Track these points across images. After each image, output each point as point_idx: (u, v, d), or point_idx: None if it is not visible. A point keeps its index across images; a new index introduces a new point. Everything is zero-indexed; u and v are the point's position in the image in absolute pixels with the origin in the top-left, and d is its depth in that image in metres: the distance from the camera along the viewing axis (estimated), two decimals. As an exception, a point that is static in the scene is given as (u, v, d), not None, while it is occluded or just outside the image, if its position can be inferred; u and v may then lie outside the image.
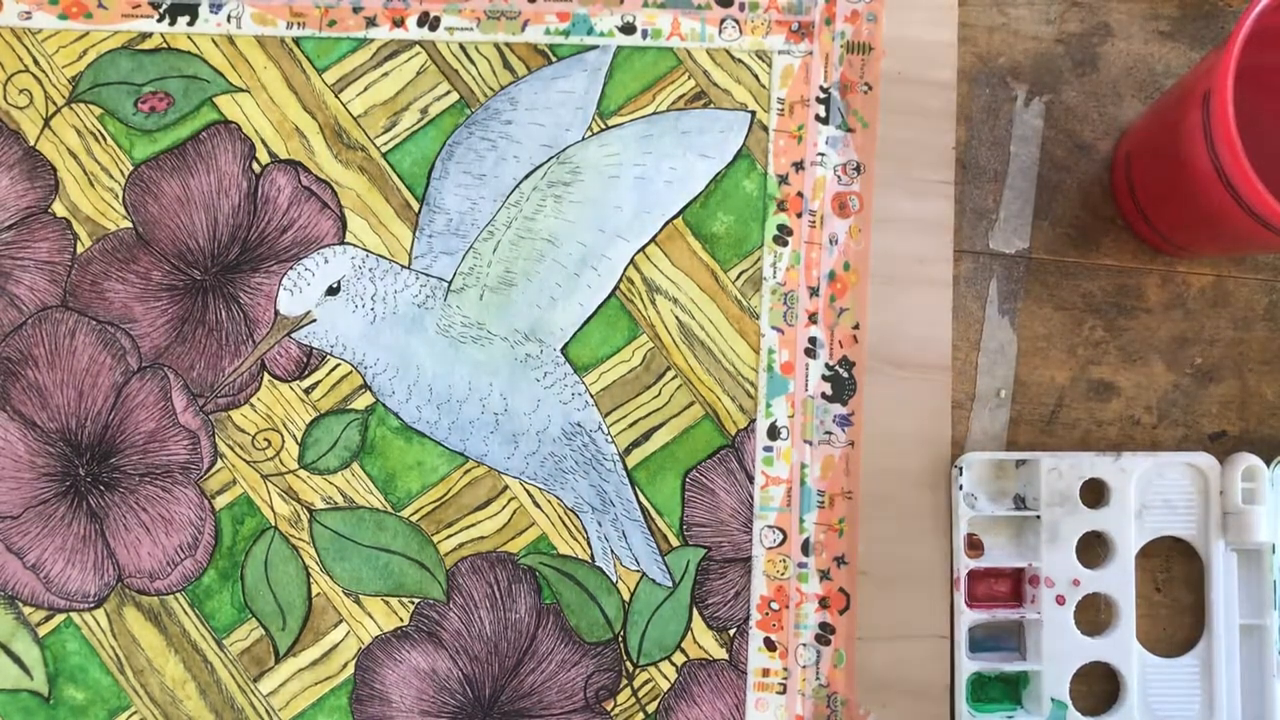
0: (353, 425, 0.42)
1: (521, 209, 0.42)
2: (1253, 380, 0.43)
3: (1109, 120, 0.44)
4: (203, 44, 0.43)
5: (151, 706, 0.41)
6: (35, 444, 0.42)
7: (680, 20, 0.43)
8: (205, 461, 0.42)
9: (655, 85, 0.43)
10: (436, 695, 0.41)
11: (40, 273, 0.42)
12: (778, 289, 0.42)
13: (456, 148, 0.43)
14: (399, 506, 0.42)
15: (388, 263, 0.42)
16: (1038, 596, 0.41)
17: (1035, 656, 0.41)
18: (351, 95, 0.43)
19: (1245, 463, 0.41)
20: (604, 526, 0.42)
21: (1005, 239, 0.44)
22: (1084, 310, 0.43)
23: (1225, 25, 0.44)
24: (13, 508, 0.41)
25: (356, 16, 0.43)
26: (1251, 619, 0.41)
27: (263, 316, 0.42)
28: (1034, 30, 0.44)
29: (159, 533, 0.41)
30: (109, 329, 0.42)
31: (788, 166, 0.43)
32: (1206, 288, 0.44)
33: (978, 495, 0.42)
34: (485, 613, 0.42)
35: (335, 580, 0.41)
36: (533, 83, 0.43)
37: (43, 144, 0.42)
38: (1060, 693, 0.41)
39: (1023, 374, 0.43)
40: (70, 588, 0.41)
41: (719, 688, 0.41)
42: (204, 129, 0.43)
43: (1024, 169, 0.44)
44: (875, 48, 0.43)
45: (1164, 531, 0.42)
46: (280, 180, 0.42)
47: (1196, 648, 0.42)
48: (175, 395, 0.42)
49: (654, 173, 0.43)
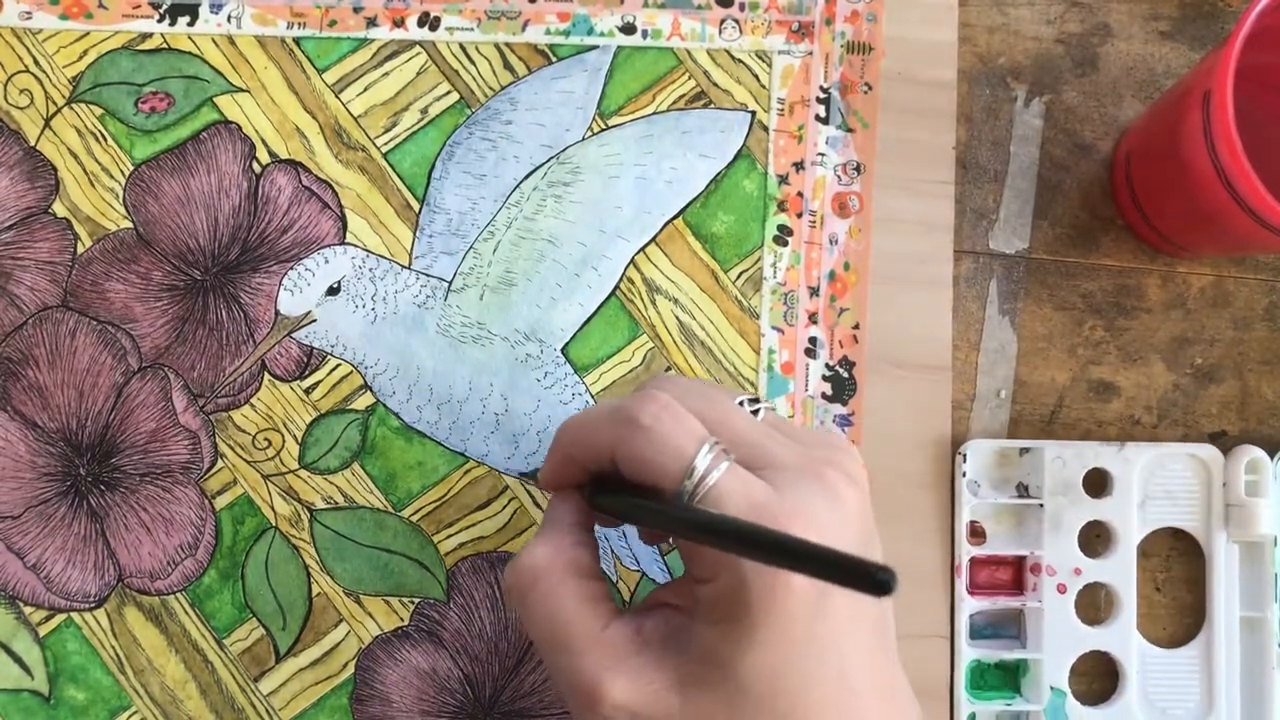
0: (353, 425, 0.42)
1: (522, 209, 0.42)
2: (1253, 380, 0.43)
3: (1109, 120, 0.44)
4: (203, 44, 0.43)
5: (152, 706, 0.41)
6: (36, 444, 0.42)
7: (680, 20, 0.43)
8: (206, 461, 0.42)
9: (655, 85, 0.43)
10: (437, 695, 0.41)
11: (41, 273, 0.42)
12: (778, 289, 0.42)
13: (457, 148, 0.43)
14: (399, 506, 0.42)
15: (388, 263, 0.42)
16: (1039, 585, 0.41)
17: (1035, 645, 0.41)
18: (352, 95, 0.43)
19: (1248, 455, 0.41)
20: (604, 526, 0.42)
21: (1005, 239, 0.44)
22: (1084, 310, 0.43)
23: (1225, 25, 0.44)
24: (13, 508, 0.41)
25: (357, 17, 0.43)
26: (1252, 611, 0.42)
27: (263, 316, 0.42)
28: (1034, 30, 0.44)
29: (159, 533, 0.41)
30: (109, 329, 0.42)
31: (788, 166, 0.43)
32: (1207, 288, 0.44)
33: (980, 483, 0.42)
34: (486, 613, 0.42)
35: (336, 580, 0.41)
36: (533, 83, 0.43)
37: (43, 144, 0.42)
38: (1060, 681, 0.41)
39: (1023, 374, 0.43)
40: (71, 588, 0.41)
41: None
42: (204, 129, 0.43)
43: (1024, 169, 0.44)
44: (875, 48, 0.43)
45: (1166, 522, 0.42)
46: (280, 180, 0.42)
47: (1197, 639, 0.42)
48: (175, 395, 0.42)
49: (654, 173, 0.43)
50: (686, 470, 0.29)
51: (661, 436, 0.30)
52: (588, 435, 0.32)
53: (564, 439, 0.33)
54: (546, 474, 0.34)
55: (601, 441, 0.31)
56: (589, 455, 0.32)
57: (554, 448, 0.34)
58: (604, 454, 0.31)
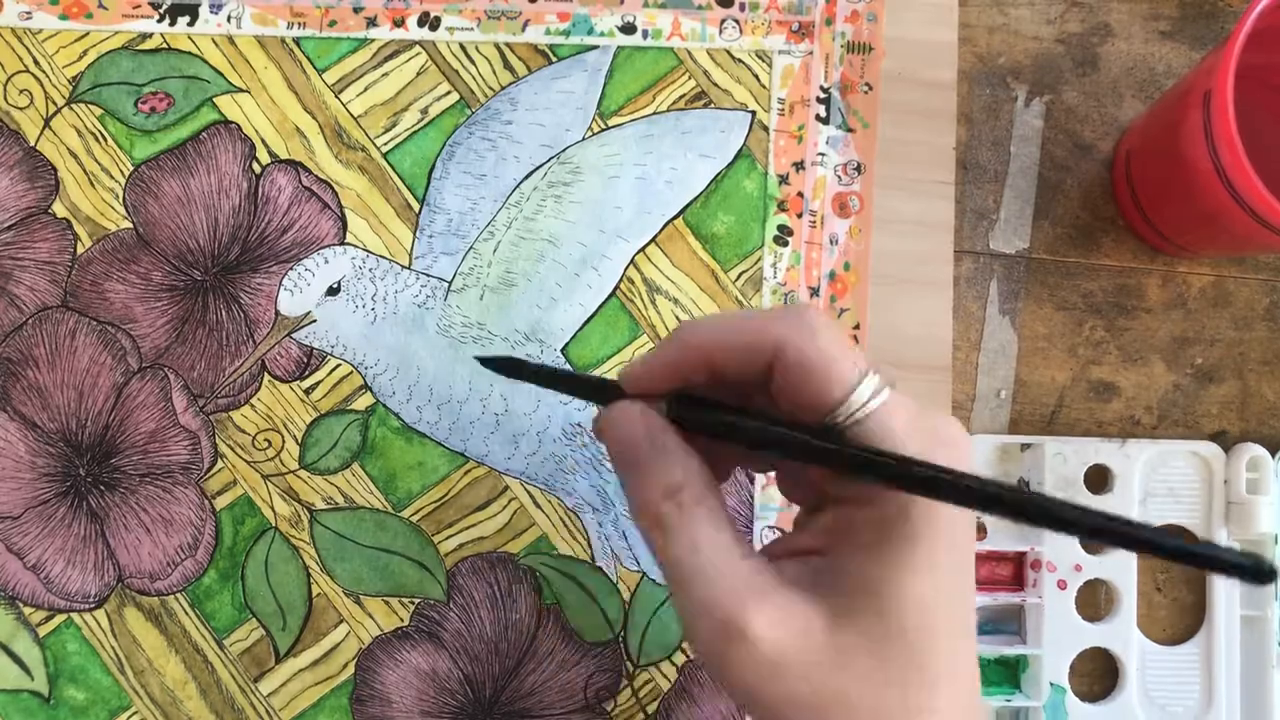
0: (353, 426, 0.42)
1: (522, 209, 0.42)
2: (1253, 380, 0.43)
3: (1109, 120, 0.44)
4: (203, 44, 0.43)
5: (152, 707, 0.41)
6: (36, 444, 0.42)
7: (680, 20, 0.43)
8: (206, 462, 0.42)
9: (655, 85, 0.43)
10: (437, 695, 0.41)
11: (40, 273, 0.42)
12: (778, 289, 0.42)
13: (457, 148, 0.43)
14: (399, 507, 0.42)
15: (388, 263, 0.42)
16: (1039, 581, 0.41)
17: (1035, 641, 0.41)
18: (352, 95, 0.43)
19: (1250, 453, 0.41)
20: (604, 526, 0.42)
21: (1005, 239, 0.44)
22: (1084, 310, 0.43)
23: (1226, 25, 0.44)
24: (13, 508, 0.41)
25: (357, 16, 0.43)
26: (1252, 610, 0.42)
27: (263, 317, 0.42)
28: (1034, 30, 0.44)
29: (159, 533, 0.41)
30: (109, 329, 0.42)
31: (788, 166, 0.43)
32: (1207, 288, 0.44)
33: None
34: (485, 613, 0.41)
35: (336, 580, 0.41)
36: (533, 83, 0.43)
37: (43, 144, 0.42)
38: (1059, 678, 0.41)
39: (1023, 374, 0.43)
40: (71, 588, 0.41)
41: (719, 688, 0.41)
42: (204, 129, 0.43)
43: (1024, 169, 0.44)
44: (875, 48, 0.43)
45: (1167, 519, 0.42)
46: (280, 180, 0.42)
47: (1196, 637, 0.42)
48: (175, 395, 0.42)
49: (654, 173, 0.43)
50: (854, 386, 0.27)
51: (836, 342, 0.27)
52: (739, 329, 0.28)
53: (694, 333, 0.29)
54: (642, 371, 0.30)
55: (765, 338, 0.27)
56: (726, 354, 0.28)
57: (668, 343, 0.29)
58: (754, 355, 0.28)
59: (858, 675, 0.26)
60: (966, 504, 0.26)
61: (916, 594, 0.26)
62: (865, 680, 0.26)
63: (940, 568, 0.27)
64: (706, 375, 0.29)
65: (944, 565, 0.27)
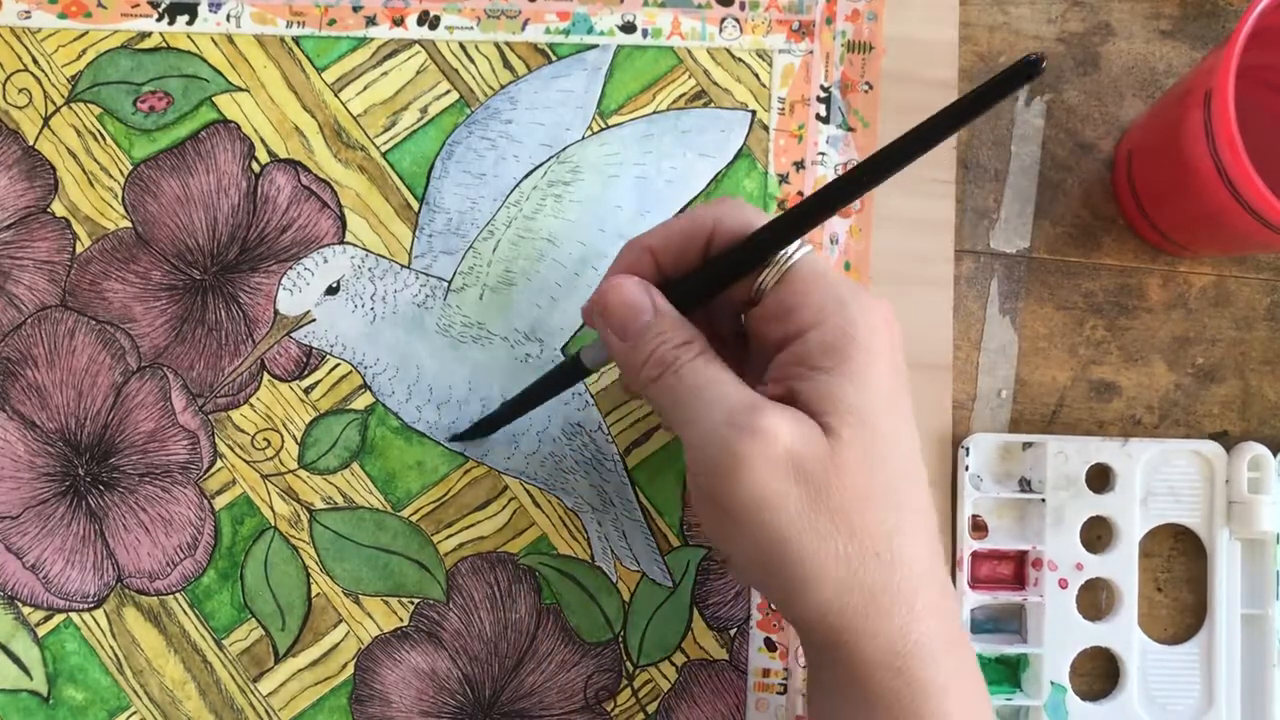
0: (352, 425, 0.42)
1: (521, 208, 0.42)
2: (1254, 380, 0.43)
3: (1110, 120, 0.44)
4: (202, 43, 0.43)
5: (151, 707, 0.41)
6: (35, 444, 0.41)
7: (680, 19, 0.43)
8: (205, 461, 0.42)
9: (655, 84, 0.43)
10: (436, 695, 0.41)
11: (39, 272, 0.42)
12: (778, 288, 0.42)
13: (456, 147, 0.43)
14: (399, 506, 0.42)
15: (387, 262, 0.42)
16: (1040, 580, 0.41)
17: (1036, 640, 0.41)
18: (351, 94, 0.43)
19: (1251, 452, 0.41)
20: (604, 526, 0.42)
21: (1006, 238, 0.44)
22: (1085, 310, 0.43)
23: (1227, 24, 0.44)
24: (12, 508, 0.41)
25: (356, 15, 0.43)
26: (1253, 609, 0.42)
27: (262, 316, 0.42)
28: (1035, 29, 0.44)
29: (158, 533, 0.41)
30: (108, 329, 0.42)
31: (788, 166, 0.43)
32: (1208, 287, 0.43)
33: (983, 476, 0.42)
34: (485, 613, 0.41)
35: (335, 580, 0.41)
36: (533, 82, 0.43)
37: (42, 143, 0.42)
38: (1060, 677, 0.41)
39: (1024, 373, 0.43)
40: (70, 588, 0.41)
41: (719, 688, 0.41)
42: (203, 128, 0.42)
43: (1025, 168, 0.44)
44: (876, 47, 0.43)
45: (1168, 518, 0.42)
46: (280, 180, 0.42)
47: (1197, 636, 0.42)
48: (175, 395, 0.42)
49: (654, 172, 0.43)
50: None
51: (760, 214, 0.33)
52: (676, 222, 0.34)
53: (638, 237, 0.35)
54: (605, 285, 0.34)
55: (700, 222, 0.33)
56: (668, 244, 0.34)
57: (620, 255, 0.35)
58: (693, 240, 0.33)
59: (859, 478, 0.30)
60: (824, 213, 0.31)
61: (882, 400, 0.31)
62: (867, 480, 0.30)
63: (896, 371, 0.31)
64: (654, 276, 0.34)
65: (892, 368, 0.31)
